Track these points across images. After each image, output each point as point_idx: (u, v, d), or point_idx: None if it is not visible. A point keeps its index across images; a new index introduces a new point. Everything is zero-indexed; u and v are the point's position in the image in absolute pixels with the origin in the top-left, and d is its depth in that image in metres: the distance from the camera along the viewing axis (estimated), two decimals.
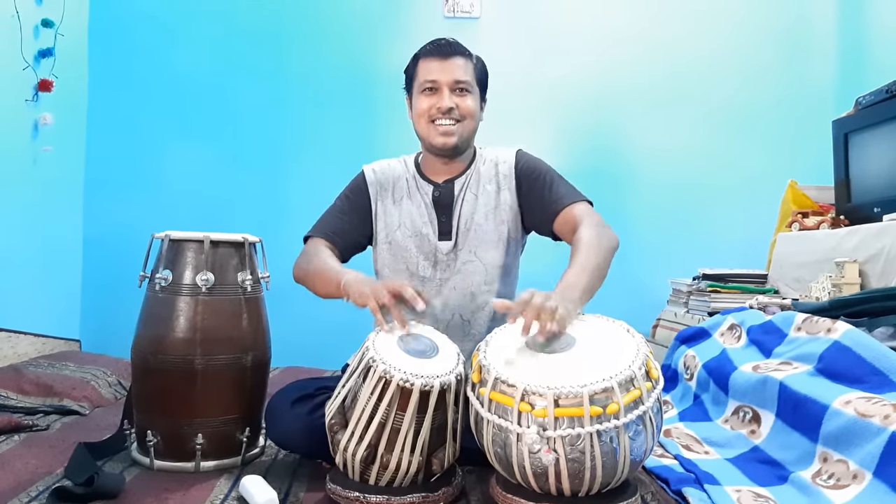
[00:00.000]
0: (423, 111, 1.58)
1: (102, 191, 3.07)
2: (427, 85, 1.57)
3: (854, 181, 2.36)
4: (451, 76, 1.56)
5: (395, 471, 1.24)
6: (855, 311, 1.75)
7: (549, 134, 3.16)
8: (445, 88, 1.56)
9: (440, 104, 1.56)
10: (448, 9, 3.15)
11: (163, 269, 1.51)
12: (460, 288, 1.63)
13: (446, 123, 1.57)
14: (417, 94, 1.60)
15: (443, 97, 1.56)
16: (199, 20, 3.13)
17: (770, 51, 3.21)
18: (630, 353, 1.19)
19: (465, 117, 1.58)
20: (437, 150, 1.61)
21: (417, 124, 1.62)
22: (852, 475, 1.20)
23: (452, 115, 1.57)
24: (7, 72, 2.50)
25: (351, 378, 1.27)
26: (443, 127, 1.57)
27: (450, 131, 1.57)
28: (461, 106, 1.57)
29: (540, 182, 1.62)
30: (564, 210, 1.57)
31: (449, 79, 1.56)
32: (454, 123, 1.57)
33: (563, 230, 1.58)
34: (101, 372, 2.28)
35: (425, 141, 1.63)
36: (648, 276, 3.06)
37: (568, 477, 1.12)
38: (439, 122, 1.57)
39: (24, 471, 1.43)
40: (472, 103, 1.59)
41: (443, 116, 1.56)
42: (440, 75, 1.56)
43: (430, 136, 1.59)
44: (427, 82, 1.57)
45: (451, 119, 1.57)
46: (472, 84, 1.59)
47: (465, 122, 1.59)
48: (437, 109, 1.56)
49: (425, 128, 1.60)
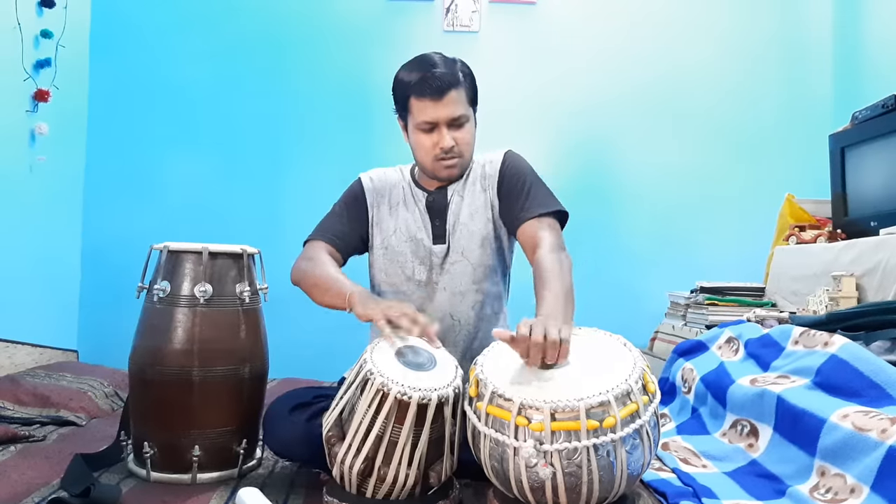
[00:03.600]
0: (427, 149, 1.60)
1: (101, 201, 3.08)
2: (424, 127, 1.58)
3: (851, 195, 2.37)
4: (447, 114, 1.56)
5: (393, 484, 1.23)
6: (852, 324, 1.75)
7: (547, 147, 3.17)
8: (443, 127, 1.57)
9: (442, 144, 1.57)
10: (447, 23, 3.17)
11: (161, 281, 1.52)
12: (449, 288, 1.64)
13: (449, 161, 1.60)
14: (415, 131, 1.60)
15: (443, 136, 1.57)
16: (199, 33, 3.15)
17: (767, 64, 3.23)
18: (627, 366, 1.19)
19: (464, 150, 1.62)
20: (442, 180, 1.66)
21: (419, 158, 1.64)
22: (850, 489, 1.20)
23: (454, 151, 1.59)
24: (8, 82, 2.51)
25: (348, 390, 1.27)
26: (446, 162, 1.60)
27: (453, 165, 1.62)
28: (460, 140, 1.59)
29: (518, 185, 1.63)
30: (529, 222, 1.58)
31: (446, 117, 1.56)
32: (456, 158, 1.61)
33: (524, 241, 1.59)
34: (98, 383, 2.27)
35: (429, 172, 1.65)
36: (646, 289, 3.07)
37: (565, 491, 1.11)
38: (444, 161, 1.60)
39: (20, 482, 1.42)
40: (468, 133, 1.62)
41: (446, 156, 1.59)
42: (436, 115, 1.56)
43: (436, 171, 1.63)
44: (424, 123, 1.57)
45: (453, 155, 1.60)
46: (468, 111, 1.60)
47: (465, 153, 1.62)
48: (440, 149, 1.58)
49: (430, 163, 1.62)
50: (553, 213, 1.59)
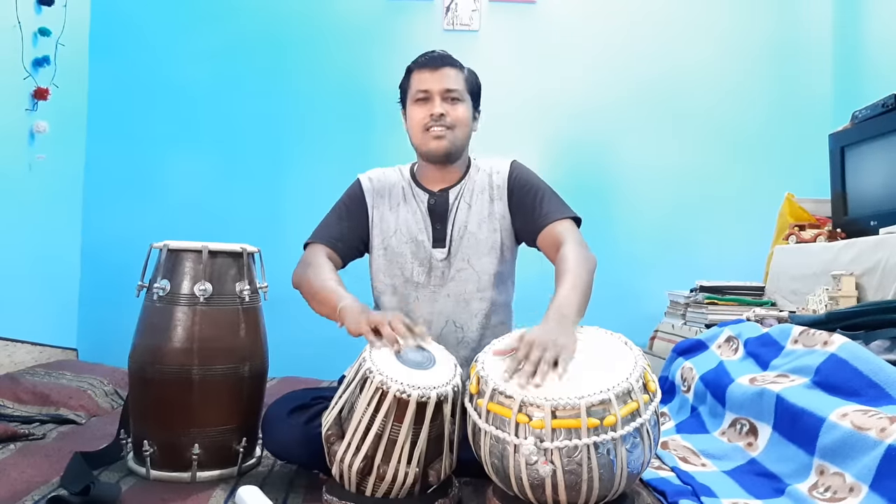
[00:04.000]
0: (418, 121, 1.63)
1: (101, 200, 3.07)
2: (419, 95, 1.62)
3: (851, 194, 2.37)
4: (441, 85, 1.61)
5: (392, 482, 1.23)
6: (851, 323, 1.75)
7: (546, 146, 3.17)
8: (437, 97, 1.61)
9: (432, 111, 1.61)
10: (447, 22, 3.17)
11: (161, 279, 1.51)
12: (454, 295, 1.64)
13: (438, 129, 1.61)
14: (411, 105, 1.65)
15: (434, 104, 1.61)
16: (199, 31, 3.14)
17: (767, 64, 3.23)
18: (628, 365, 1.20)
19: (455, 125, 1.62)
20: (431, 155, 1.64)
21: (412, 134, 1.66)
22: (849, 488, 1.20)
23: (444, 121, 1.61)
24: (7, 81, 2.50)
25: (348, 389, 1.27)
26: (435, 132, 1.61)
27: (441, 135, 1.61)
28: (452, 113, 1.62)
29: (531, 195, 1.65)
30: (549, 227, 1.59)
31: (440, 87, 1.60)
32: (446, 129, 1.61)
33: (546, 246, 1.61)
34: (97, 381, 2.27)
35: (420, 148, 1.66)
36: (646, 288, 3.07)
37: (565, 489, 1.12)
38: (432, 128, 1.61)
39: (19, 480, 1.42)
40: (462, 111, 1.63)
41: (435, 123, 1.61)
42: (431, 84, 1.61)
43: (424, 143, 1.63)
44: (419, 92, 1.62)
45: (443, 125, 1.61)
46: (463, 93, 1.64)
47: (456, 129, 1.63)
48: (429, 117, 1.61)
49: (420, 136, 1.64)
50: (570, 217, 1.61)
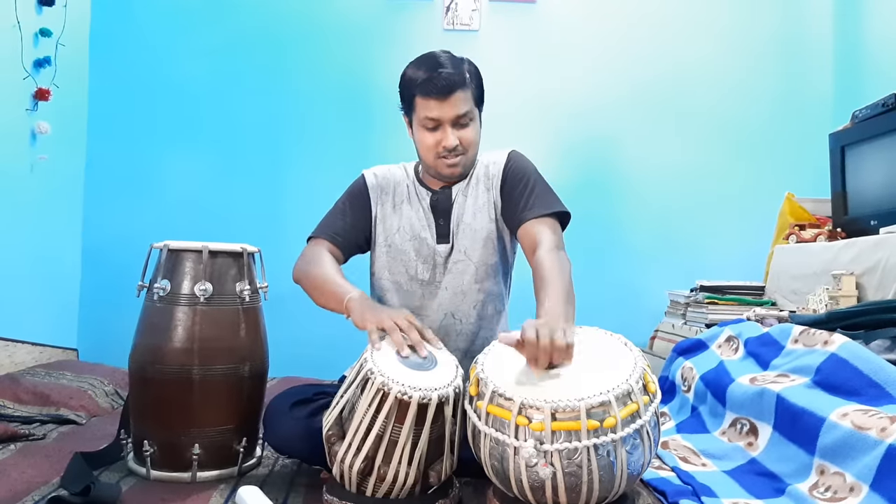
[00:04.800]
0: (430, 146, 1.59)
1: (102, 200, 3.07)
2: (429, 124, 1.57)
3: (851, 194, 2.37)
4: (452, 113, 1.55)
5: (393, 483, 1.23)
6: (852, 323, 1.75)
7: (546, 145, 3.17)
8: (447, 125, 1.56)
9: (445, 143, 1.57)
10: (447, 21, 3.17)
11: (161, 279, 1.51)
12: (451, 287, 1.64)
13: (452, 159, 1.59)
14: (419, 128, 1.60)
15: (447, 134, 1.56)
16: (199, 31, 3.14)
17: (767, 62, 3.23)
18: (627, 366, 1.19)
19: (468, 149, 1.61)
20: (444, 178, 1.65)
21: (423, 155, 1.64)
22: (849, 488, 1.20)
23: (457, 150, 1.58)
24: (8, 81, 2.50)
25: (349, 390, 1.27)
26: (449, 161, 1.59)
27: (456, 163, 1.60)
28: (464, 139, 1.58)
29: (521, 186, 1.62)
30: (529, 222, 1.57)
31: (450, 116, 1.55)
32: (459, 157, 1.60)
33: (523, 242, 1.59)
34: (98, 381, 2.27)
35: (431, 169, 1.65)
36: (646, 288, 3.07)
37: (565, 491, 1.12)
38: (446, 160, 1.59)
39: (19, 480, 1.42)
40: (473, 132, 1.60)
41: (449, 154, 1.58)
42: (441, 113, 1.55)
43: (438, 169, 1.62)
44: (428, 120, 1.57)
45: (457, 154, 1.59)
46: (473, 110, 1.59)
47: (468, 152, 1.61)
48: (442, 147, 1.58)
49: (433, 161, 1.61)
50: (554, 213, 1.58)
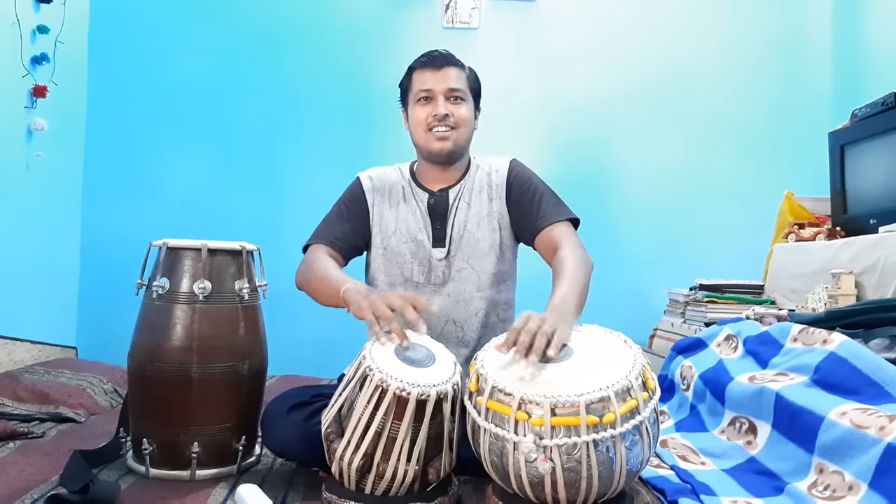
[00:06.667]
0: (420, 120, 1.62)
1: (100, 198, 3.07)
2: (422, 94, 1.62)
3: (850, 192, 2.37)
4: (444, 84, 1.60)
5: (392, 480, 1.23)
6: (851, 322, 1.75)
7: (546, 143, 3.17)
8: (440, 97, 1.61)
9: (436, 111, 1.60)
10: (447, 20, 3.17)
11: (160, 277, 1.51)
12: (454, 295, 1.64)
13: (442, 130, 1.61)
14: (413, 104, 1.64)
15: (438, 105, 1.61)
16: (198, 29, 3.14)
17: (767, 62, 3.23)
18: (627, 363, 1.19)
19: (459, 124, 1.63)
20: (435, 155, 1.64)
21: (415, 133, 1.66)
22: (848, 486, 1.20)
23: (448, 121, 1.61)
24: (6, 78, 2.50)
25: (347, 387, 1.27)
26: (439, 133, 1.61)
27: (445, 136, 1.61)
28: (456, 113, 1.62)
29: (529, 195, 1.65)
30: (547, 229, 1.60)
31: (443, 87, 1.60)
32: (449, 130, 1.61)
33: (543, 248, 1.61)
34: (97, 379, 2.27)
35: (423, 149, 1.66)
36: (645, 287, 3.07)
37: (564, 486, 1.12)
38: (436, 129, 1.61)
39: (18, 478, 1.42)
40: (466, 111, 1.64)
41: (439, 123, 1.61)
42: (434, 84, 1.61)
43: (428, 143, 1.63)
44: (422, 91, 1.61)
45: (447, 126, 1.61)
46: (466, 92, 1.64)
47: (459, 129, 1.63)
48: (433, 117, 1.61)
49: (423, 136, 1.63)
50: (567, 219, 1.61)
